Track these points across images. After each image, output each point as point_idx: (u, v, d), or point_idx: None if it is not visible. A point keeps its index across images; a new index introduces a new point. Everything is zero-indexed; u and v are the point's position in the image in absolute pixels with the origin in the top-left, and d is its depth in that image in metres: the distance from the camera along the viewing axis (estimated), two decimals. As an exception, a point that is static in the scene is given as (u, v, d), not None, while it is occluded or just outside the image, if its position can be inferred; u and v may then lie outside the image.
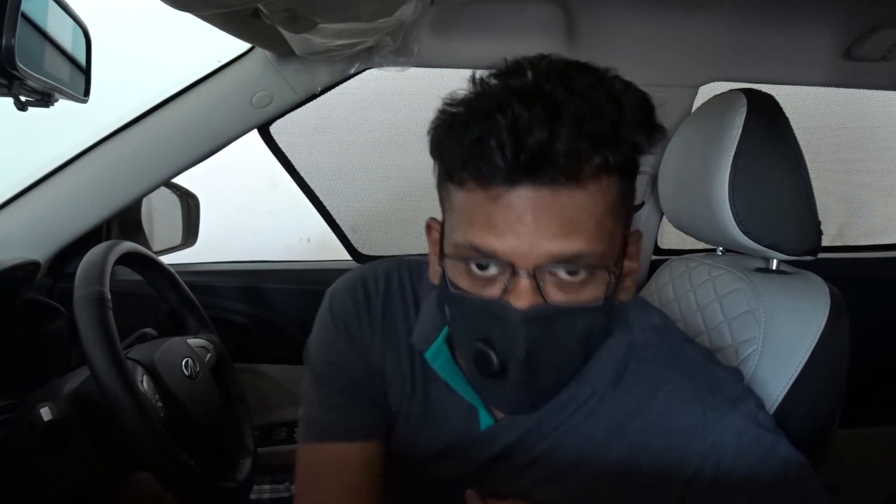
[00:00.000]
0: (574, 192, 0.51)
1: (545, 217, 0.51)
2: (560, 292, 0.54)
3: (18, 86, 0.64)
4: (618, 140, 0.52)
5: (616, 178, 0.54)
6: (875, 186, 1.94)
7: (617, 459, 0.62)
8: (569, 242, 0.52)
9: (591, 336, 0.57)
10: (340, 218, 1.40)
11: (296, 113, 1.21)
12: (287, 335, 1.35)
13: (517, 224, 0.51)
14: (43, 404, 0.76)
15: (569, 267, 0.53)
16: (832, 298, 0.79)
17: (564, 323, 0.54)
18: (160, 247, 1.31)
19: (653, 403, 0.62)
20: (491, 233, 0.52)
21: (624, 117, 0.53)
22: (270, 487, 1.03)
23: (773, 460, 0.59)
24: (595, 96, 0.52)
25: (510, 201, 0.51)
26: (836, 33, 1.16)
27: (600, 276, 0.54)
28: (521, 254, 0.52)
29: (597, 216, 0.53)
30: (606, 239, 0.54)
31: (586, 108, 0.51)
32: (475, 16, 1.12)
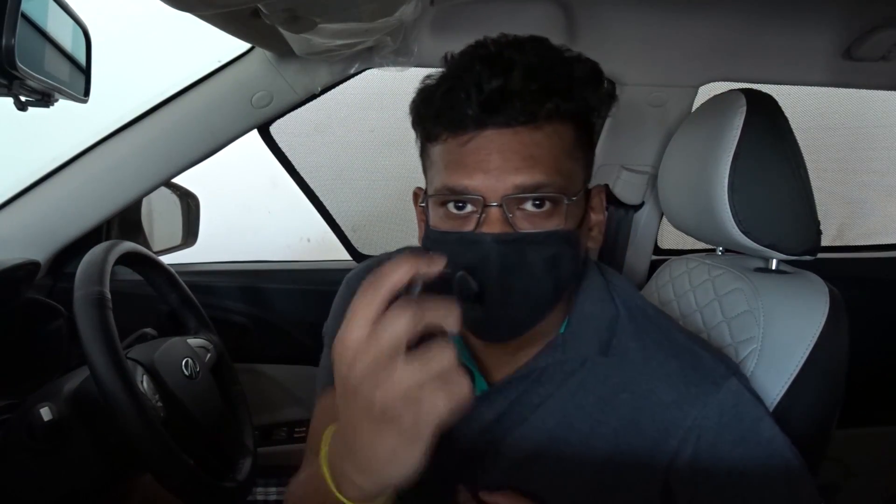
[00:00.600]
0: (532, 132, 0.59)
1: (509, 154, 0.59)
2: (527, 222, 0.60)
3: (18, 86, 0.64)
4: (568, 90, 0.60)
5: (570, 125, 0.62)
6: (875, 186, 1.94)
7: (606, 432, 0.65)
8: (531, 174, 0.59)
9: (558, 266, 0.61)
10: (340, 218, 1.40)
11: (296, 113, 1.21)
12: (287, 335, 1.35)
13: (484, 162, 0.59)
14: (43, 404, 0.76)
15: (533, 196, 0.59)
16: (831, 298, 0.79)
17: (532, 248, 0.60)
18: (160, 247, 1.31)
19: (640, 378, 0.65)
20: (463, 173, 0.59)
21: (573, 72, 0.61)
22: (277, 490, 1.03)
23: (756, 438, 0.62)
24: (547, 55, 0.61)
25: (478, 143, 0.59)
26: (836, 33, 1.16)
27: (562, 208, 0.61)
28: (489, 187, 0.59)
29: (554, 153, 0.60)
30: (565, 174, 0.61)
31: (537, 62, 0.60)
32: (475, 16, 1.12)
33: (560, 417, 0.66)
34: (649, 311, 0.70)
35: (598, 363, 0.66)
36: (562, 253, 0.61)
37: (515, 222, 0.59)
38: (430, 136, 0.64)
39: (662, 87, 1.22)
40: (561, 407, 0.66)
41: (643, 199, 1.32)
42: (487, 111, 0.58)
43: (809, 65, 1.22)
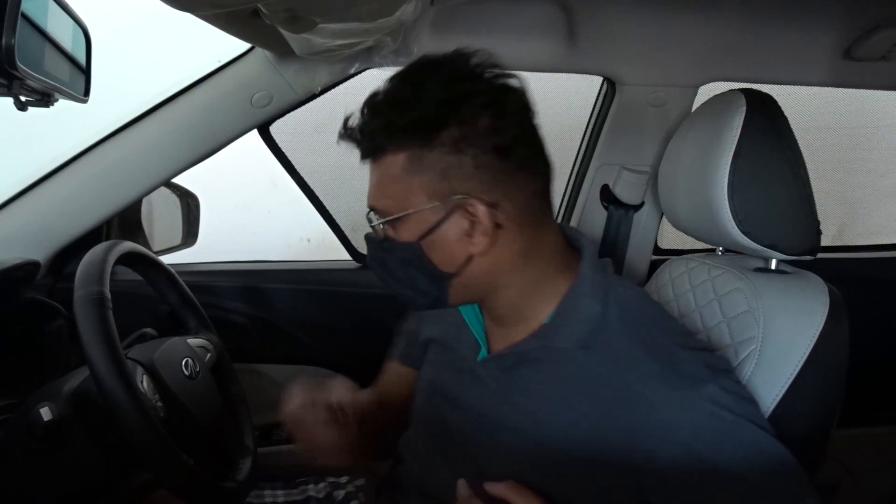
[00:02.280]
0: (373, 165, 0.75)
1: (369, 183, 0.76)
2: (382, 232, 0.76)
3: (18, 86, 0.64)
4: (387, 122, 0.70)
5: (399, 153, 0.70)
6: (875, 186, 1.95)
7: (585, 425, 0.68)
8: (370, 199, 0.76)
9: (404, 264, 0.74)
10: (340, 218, 1.40)
11: (296, 113, 1.21)
12: (287, 335, 1.35)
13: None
14: (43, 404, 0.76)
15: (374, 215, 0.76)
16: (831, 298, 0.79)
17: (383, 248, 0.76)
18: (160, 247, 1.31)
19: (621, 376, 0.68)
20: None
21: (392, 98, 0.71)
22: (284, 492, 1.04)
23: (733, 441, 0.64)
24: (389, 87, 0.72)
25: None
26: (836, 33, 1.16)
27: (401, 224, 0.72)
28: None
29: (384, 183, 0.73)
30: (395, 200, 0.72)
31: (378, 99, 0.72)
32: (475, 16, 1.12)
33: (544, 403, 0.71)
34: (643, 312, 0.73)
35: (582, 357, 0.70)
36: (410, 256, 0.73)
37: (381, 231, 0.76)
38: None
39: (662, 87, 1.22)
40: (546, 395, 0.71)
41: (643, 199, 1.32)
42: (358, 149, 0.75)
43: (809, 65, 1.22)
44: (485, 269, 0.72)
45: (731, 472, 0.63)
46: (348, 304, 1.36)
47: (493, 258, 0.72)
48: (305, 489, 1.04)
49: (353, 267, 1.41)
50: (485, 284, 0.74)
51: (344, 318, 1.35)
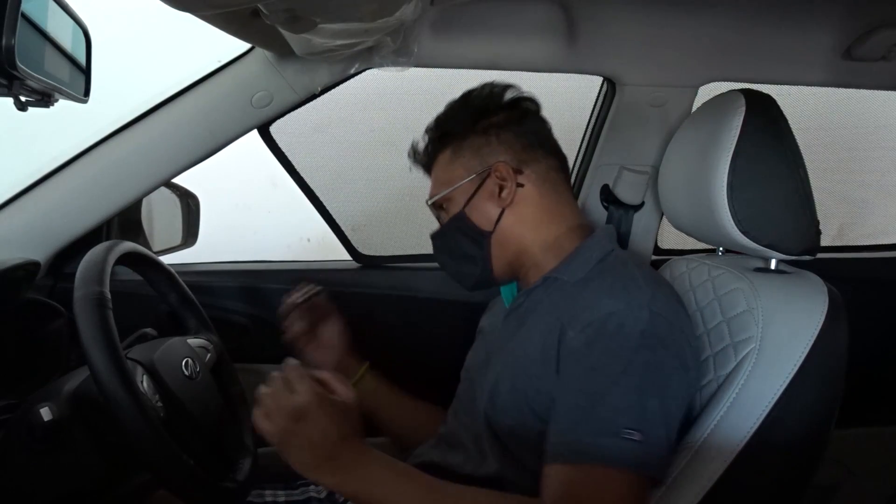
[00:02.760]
0: (432, 173, 1.02)
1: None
2: (440, 222, 1.01)
3: (18, 86, 0.64)
4: (433, 139, 1.01)
5: (445, 152, 0.98)
6: (875, 186, 1.94)
7: (550, 328, 0.82)
8: (430, 196, 1.00)
9: (457, 236, 0.96)
10: (340, 218, 1.39)
11: (296, 113, 1.21)
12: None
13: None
14: (43, 404, 0.76)
15: (431, 206, 1.01)
16: (830, 298, 0.79)
17: (442, 232, 0.99)
18: (160, 247, 1.31)
19: (586, 293, 0.83)
20: None
21: (434, 124, 1.02)
22: (285, 493, 1.04)
23: (611, 323, 0.76)
24: (439, 116, 1.03)
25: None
26: (836, 33, 1.16)
27: (449, 204, 0.97)
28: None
29: (437, 177, 1.00)
30: (444, 183, 0.97)
31: (427, 128, 1.03)
32: (475, 16, 1.12)
33: (528, 332, 0.87)
34: (633, 260, 0.89)
35: (571, 288, 0.85)
36: (463, 227, 0.94)
37: (440, 222, 1.01)
38: None
39: (662, 87, 1.22)
40: (533, 322, 0.87)
41: (643, 199, 1.32)
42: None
43: (809, 65, 1.22)
44: (514, 224, 0.93)
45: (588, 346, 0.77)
46: (348, 304, 1.36)
47: (519, 213, 0.93)
48: (306, 490, 1.04)
49: (353, 267, 1.41)
50: (516, 242, 0.93)
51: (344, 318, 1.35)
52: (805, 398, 0.77)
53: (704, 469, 0.76)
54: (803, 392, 0.76)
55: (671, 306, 0.81)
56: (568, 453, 0.72)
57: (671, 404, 0.75)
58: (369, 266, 1.41)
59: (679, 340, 0.78)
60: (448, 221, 0.96)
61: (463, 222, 0.94)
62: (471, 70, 1.22)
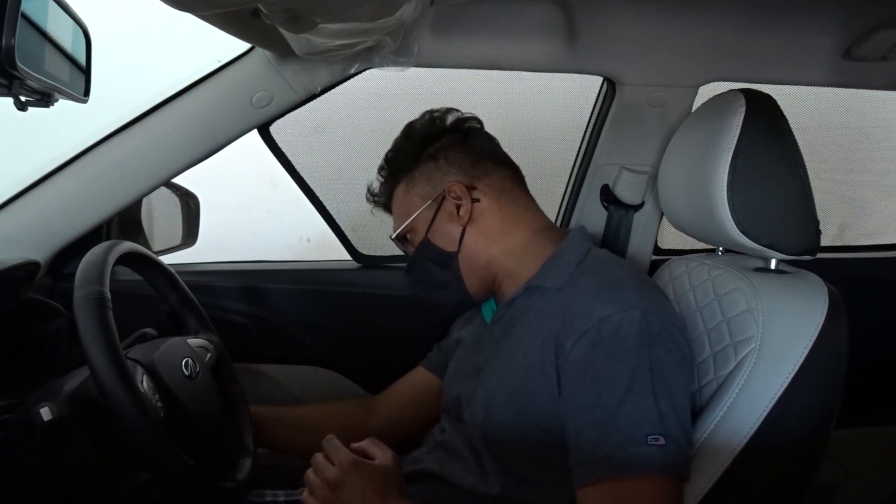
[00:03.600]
0: (392, 210, 1.03)
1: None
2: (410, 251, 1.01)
3: (18, 86, 0.64)
4: (387, 177, 1.03)
5: (399, 186, 1.00)
6: (875, 186, 1.94)
7: (540, 340, 0.83)
8: (394, 231, 1.01)
9: (426, 264, 0.97)
10: (340, 218, 1.39)
11: (296, 113, 1.21)
12: (287, 335, 1.35)
13: None
14: (43, 404, 0.76)
15: (397, 242, 1.02)
16: (830, 298, 0.79)
17: (411, 264, 1.01)
18: (160, 247, 1.31)
19: (570, 299, 0.83)
20: None
21: (385, 163, 1.05)
22: (285, 492, 1.04)
23: (606, 329, 0.76)
24: (388, 155, 1.06)
25: None
26: (836, 33, 1.16)
27: (412, 235, 0.98)
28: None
29: (397, 212, 1.01)
30: (404, 215, 0.98)
31: (380, 168, 1.06)
32: (475, 16, 1.12)
33: (514, 343, 0.87)
34: (612, 259, 0.91)
35: (555, 294, 0.86)
36: (422, 256, 0.97)
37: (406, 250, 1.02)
38: None
39: (662, 87, 1.22)
40: (519, 333, 0.87)
41: (643, 199, 1.32)
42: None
43: (809, 65, 1.22)
44: (476, 238, 0.93)
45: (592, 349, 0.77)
46: (348, 304, 1.36)
47: (481, 228, 0.93)
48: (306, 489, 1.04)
49: (353, 267, 1.41)
50: (483, 257, 0.93)
51: (344, 318, 1.35)
52: (805, 398, 0.77)
53: (705, 469, 0.76)
54: (803, 392, 0.76)
55: (659, 301, 0.83)
56: (601, 471, 0.72)
57: (679, 399, 0.76)
58: (369, 266, 1.41)
59: (673, 333, 0.79)
60: (415, 252, 0.98)
61: (428, 249, 0.95)
62: (471, 70, 1.23)
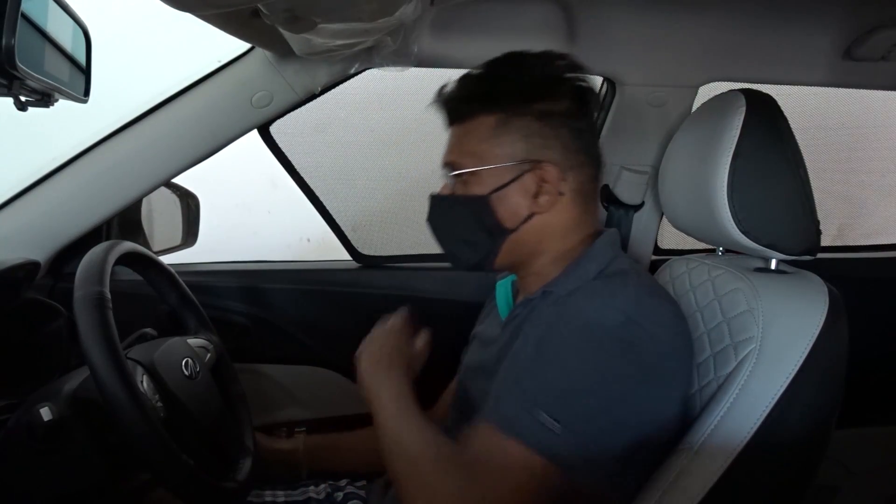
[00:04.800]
0: (457, 128, 0.88)
1: (447, 144, 0.89)
2: (449, 188, 0.87)
3: (18, 86, 0.64)
4: (486, 93, 0.84)
5: (489, 117, 0.83)
6: (875, 186, 1.94)
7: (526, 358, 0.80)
8: (448, 156, 0.87)
9: (468, 218, 0.85)
10: (340, 218, 1.40)
11: (296, 113, 1.21)
12: (287, 335, 1.35)
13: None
14: (43, 404, 0.76)
15: (449, 170, 0.87)
16: (830, 298, 0.79)
17: (450, 202, 0.87)
18: (160, 247, 1.31)
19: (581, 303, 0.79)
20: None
21: (490, 74, 0.86)
22: (284, 493, 1.04)
23: (577, 319, 0.74)
24: (484, 67, 0.87)
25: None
26: (836, 33, 1.16)
27: (474, 180, 0.84)
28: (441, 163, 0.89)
29: (468, 141, 0.85)
30: (476, 157, 0.84)
31: (470, 75, 0.87)
32: (475, 16, 1.12)
33: (524, 344, 0.80)
34: (631, 273, 0.83)
35: (567, 299, 0.79)
36: (477, 211, 0.84)
37: (446, 188, 0.88)
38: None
39: (662, 87, 1.22)
40: (529, 334, 0.80)
41: (643, 199, 1.32)
42: (442, 116, 0.90)
43: (809, 65, 1.22)
44: (538, 230, 0.84)
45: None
46: (348, 304, 1.36)
47: (547, 221, 0.84)
48: (305, 490, 1.04)
49: (353, 267, 1.41)
50: (532, 247, 0.86)
51: (344, 318, 1.35)
52: (805, 398, 0.76)
53: (704, 469, 0.76)
54: (804, 392, 0.76)
55: (657, 319, 0.77)
56: (492, 417, 0.73)
57: (620, 412, 0.72)
58: (369, 266, 1.41)
59: (651, 354, 0.74)
60: (465, 199, 0.84)
61: (484, 209, 0.83)
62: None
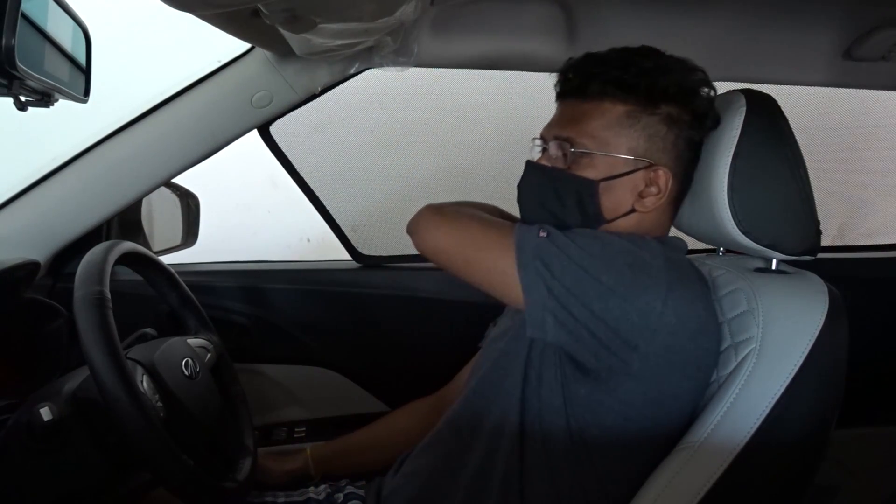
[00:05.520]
0: (579, 104, 0.84)
1: (560, 116, 0.87)
2: (553, 160, 0.85)
3: (18, 86, 0.64)
4: (621, 78, 0.81)
5: (619, 105, 0.82)
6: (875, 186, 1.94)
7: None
8: (564, 129, 0.84)
9: (569, 197, 0.83)
10: (340, 218, 1.40)
11: (296, 113, 1.21)
12: (287, 335, 1.35)
13: (552, 119, 0.88)
14: (43, 404, 0.76)
15: (560, 143, 0.84)
16: (830, 298, 0.79)
17: (551, 175, 0.84)
18: (160, 247, 1.31)
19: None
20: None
21: (631, 63, 0.82)
22: (284, 493, 1.04)
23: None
24: (622, 54, 0.83)
25: (557, 108, 0.89)
26: (836, 33, 1.15)
27: (587, 162, 0.82)
28: (545, 133, 0.87)
29: (592, 122, 0.82)
30: (597, 140, 0.82)
31: (607, 54, 0.83)
32: (475, 16, 1.12)
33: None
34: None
35: None
36: (578, 191, 0.82)
37: (546, 157, 0.85)
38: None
39: (662, 87, 1.22)
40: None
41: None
42: (560, 87, 0.87)
43: (809, 65, 1.22)
44: (630, 227, 0.84)
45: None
46: (348, 304, 1.36)
47: (640, 221, 0.85)
48: (305, 491, 1.04)
49: (353, 267, 1.41)
50: None
51: (344, 318, 1.35)
52: (805, 398, 0.76)
53: (704, 469, 0.76)
54: (804, 392, 0.76)
55: (686, 293, 0.77)
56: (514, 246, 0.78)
57: (603, 295, 0.73)
58: (369, 266, 1.41)
59: (653, 288, 0.75)
60: (573, 177, 0.83)
61: (590, 193, 0.82)
62: (471, 70, 1.23)
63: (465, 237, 0.83)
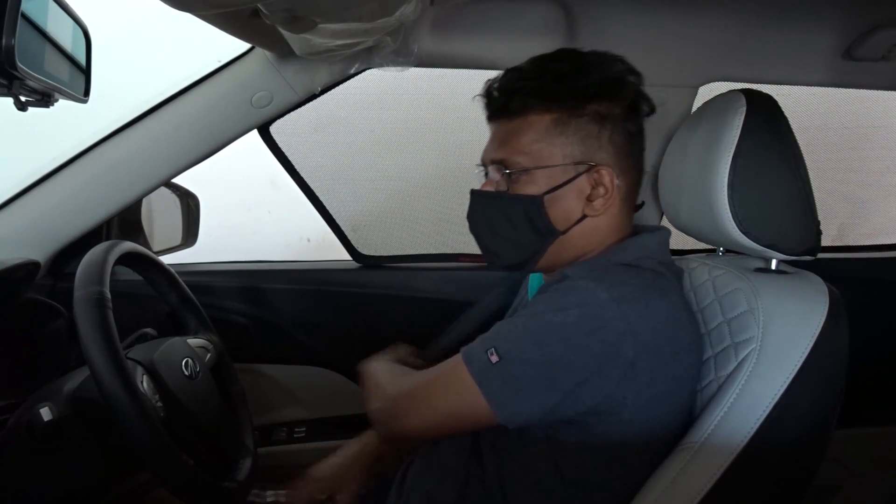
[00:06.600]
0: (507, 122, 0.83)
1: (493, 138, 0.86)
2: (496, 185, 0.84)
3: (18, 86, 0.64)
4: (539, 89, 0.80)
5: (545, 114, 0.81)
6: (876, 186, 1.94)
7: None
8: (497, 152, 0.84)
9: (517, 217, 0.82)
10: (340, 218, 1.40)
11: (296, 113, 1.21)
12: (287, 335, 1.35)
13: (487, 143, 0.87)
14: (43, 404, 0.76)
15: (497, 167, 0.83)
16: (831, 298, 0.79)
17: (495, 200, 0.84)
18: (160, 247, 1.31)
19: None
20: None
21: (547, 70, 0.81)
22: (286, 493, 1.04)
23: (564, 283, 0.76)
24: (537, 62, 0.83)
25: (490, 131, 0.88)
26: (836, 33, 1.16)
27: (526, 179, 0.81)
28: (484, 157, 0.87)
29: (522, 138, 0.81)
30: (531, 155, 0.81)
31: (524, 67, 0.82)
32: (475, 16, 1.12)
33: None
34: (646, 271, 0.81)
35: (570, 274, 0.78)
36: (525, 210, 0.82)
37: (492, 184, 0.84)
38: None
39: (662, 87, 1.22)
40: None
41: (643, 199, 1.31)
42: (487, 108, 0.86)
43: (809, 65, 1.22)
44: (586, 233, 0.83)
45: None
46: (348, 304, 1.36)
47: (596, 224, 0.83)
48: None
49: (353, 267, 1.41)
50: (577, 249, 0.84)
51: (344, 318, 1.35)
52: (806, 398, 0.76)
53: (704, 469, 0.76)
54: (804, 392, 0.76)
55: (647, 314, 0.74)
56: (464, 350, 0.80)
57: (558, 373, 0.72)
58: (369, 266, 1.41)
59: (620, 343, 0.72)
60: (516, 197, 0.82)
61: (536, 209, 0.81)
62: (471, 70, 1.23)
63: (429, 404, 0.82)
